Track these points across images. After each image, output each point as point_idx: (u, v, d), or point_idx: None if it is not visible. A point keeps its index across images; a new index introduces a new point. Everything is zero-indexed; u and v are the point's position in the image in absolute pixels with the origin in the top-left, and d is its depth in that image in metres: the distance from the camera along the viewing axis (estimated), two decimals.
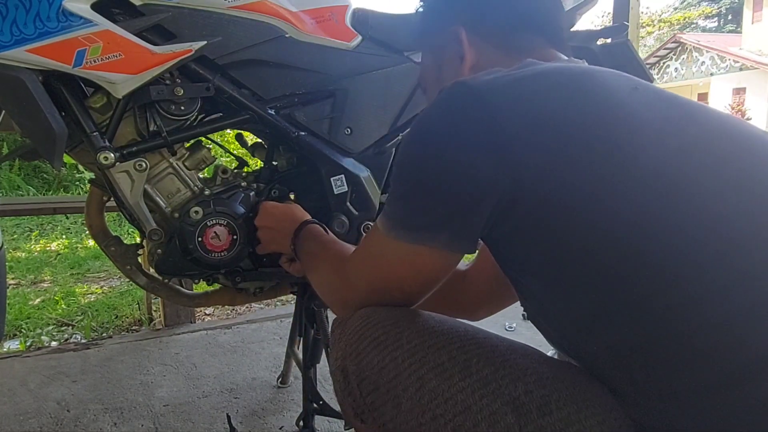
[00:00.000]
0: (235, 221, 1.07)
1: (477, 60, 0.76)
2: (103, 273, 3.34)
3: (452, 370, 0.58)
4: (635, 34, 2.36)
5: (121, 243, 1.18)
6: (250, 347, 1.95)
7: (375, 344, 0.63)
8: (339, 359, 0.67)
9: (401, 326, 0.64)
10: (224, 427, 1.41)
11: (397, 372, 0.60)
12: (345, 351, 0.66)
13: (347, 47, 1.14)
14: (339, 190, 1.14)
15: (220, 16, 1.03)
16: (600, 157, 0.55)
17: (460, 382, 0.57)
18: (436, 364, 0.59)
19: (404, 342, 0.62)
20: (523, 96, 0.59)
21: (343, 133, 1.16)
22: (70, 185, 5.85)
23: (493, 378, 0.57)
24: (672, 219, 0.52)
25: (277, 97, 1.12)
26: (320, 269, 0.85)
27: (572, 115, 0.57)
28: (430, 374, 0.58)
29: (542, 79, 0.61)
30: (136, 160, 1.03)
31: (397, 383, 0.60)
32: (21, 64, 0.90)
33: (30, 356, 1.88)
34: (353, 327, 0.66)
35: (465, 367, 0.58)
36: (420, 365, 0.59)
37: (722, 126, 0.60)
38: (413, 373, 0.59)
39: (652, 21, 23.34)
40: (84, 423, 1.45)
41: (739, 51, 15.75)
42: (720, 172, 0.55)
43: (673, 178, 0.54)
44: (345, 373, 0.65)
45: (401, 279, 0.66)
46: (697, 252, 0.51)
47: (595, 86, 0.60)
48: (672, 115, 0.59)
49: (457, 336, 0.62)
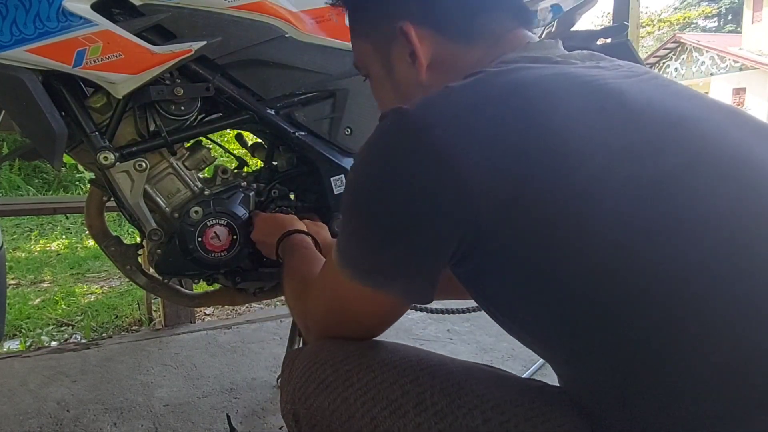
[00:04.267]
0: (235, 221, 1.07)
1: (434, 57, 0.66)
2: (103, 273, 3.34)
3: (406, 406, 0.55)
4: (635, 34, 2.35)
5: (121, 243, 1.18)
6: (250, 347, 1.95)
7: (324, 386, 0.59)
8: (288, 403, 0.63)
9: (350, 363, 0.60)
10: (224, 427, 1.40)
11: (350, 414, 0.57)
12: (294, 395, 0.62)
13: (347, 47, 1.14)
14: (339, 190, 1.13)
15: (220, 16, 1.03)
16: (563, 192, 0.49)
17: (416, 418, 0.54)
18: (390, 401, 0.56)
19: (354, 381, 0.58)
20: (475, 129, 0.52)
21: (343, 133, 1.16)
22: (70, 185, 5.85)
23: (449, 410, 0.54)
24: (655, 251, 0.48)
25: (277, 97, 1.12)
26: (291, 287, 0.81)
27: (531, 148, 0.51)
28: (383, 413, 0.55)
29: (500, 104, 0.54)
30: (136, 160, 1.03)
31: (350, 426, 0.56)
32: (21, 64, 0.90)
33: (30, 356, 1.88)
34: (301, 368, 0.63)
35: (419, 401, 0.55)
36: (372, 404, 0.56)
37: (704, 153, 0.53)
38: (366, 413, 0.56)
39: (651, 21, 23.34)
40: (84, 423, 1.45)
41: (739, 51, 15.75)
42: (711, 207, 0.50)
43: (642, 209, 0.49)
44: (296, 419, 0.62)
45: (357, 315, 0.62)
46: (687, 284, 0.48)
47: (555, 112, 0.53)
48: (643, 138, 0.52)
49: (410, 367, 0.59)
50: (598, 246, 0.49)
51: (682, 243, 0.48)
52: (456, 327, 2.12)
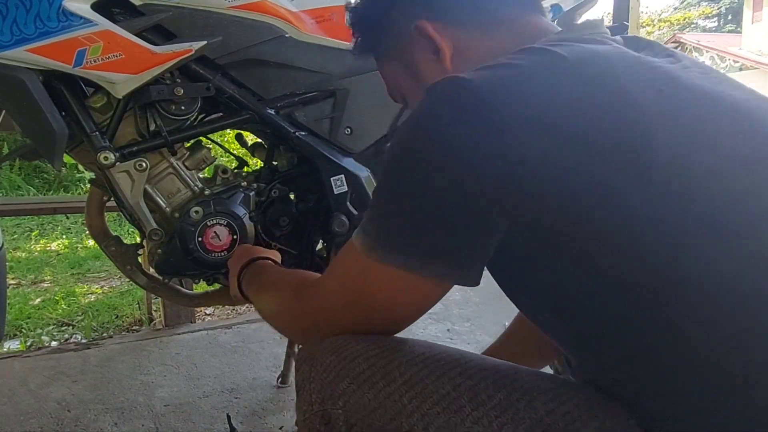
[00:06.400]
0: (235, 221, 1.07)
1: (456, 48, 0.66)
2: (103, 273, 3.34)
3: (460, 400, 0.50)
4: (635, 34, 2.35)
5: (121, 243, 1.18)
6: (250, 347, 1.95)
7: (360, 382, 0.54)
8: (315, 404, 0.56)
9: (386, 357, 0.55)
10: (224, 427, 1.40)
11: (396, 411, 0.51)
12: (322, 393, 0.55)
13: (347, 47, 1.14)
14: (339, 190, 1.13)
15: (220, 15, 1.03)
16: (628, 174, 0.48)
17: (473, 412, 0.50)
18: (441, 396, 0.51)
19: (397, 375, 0.53)
20: (533, 101, 0.50)
21: (344, 133, 1.16)
22: (70, 185, 5.85)
23: (508, 403, 0.50)
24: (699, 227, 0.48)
25: (278, 97, 1.12)
26: (273, 298, 0.74)
27: (591, 124, 0.49)
28: (435, 409, 0.50)
29: (552, 77, 0.52)
30: (136, 160, 1.03)
31: (397, 425, 0.51)
32: (21, 64, 0.90)
33: (30, 356, 1.88)
34: (326, 364, 0.56)
35: (474, 395, 0.51)
36: (422, 400, 0.51)
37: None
38: (416, 409, 0.51)
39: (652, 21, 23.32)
40: (84, 423, 1.45)
41: (739, 51, 15.74)
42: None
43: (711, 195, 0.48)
44: (327, 420, 0.55)
45: (387, 303, 0.57)
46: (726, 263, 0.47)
47: (614, 90, 0.51)
48: (707, 127, 0.51)
49: (454, 361, 0.55)
50: (665, 235, 0.48)
51: (745, 233, 0.48)
52: (456, 327, 2.11)
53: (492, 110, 0.49)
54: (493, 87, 0.51)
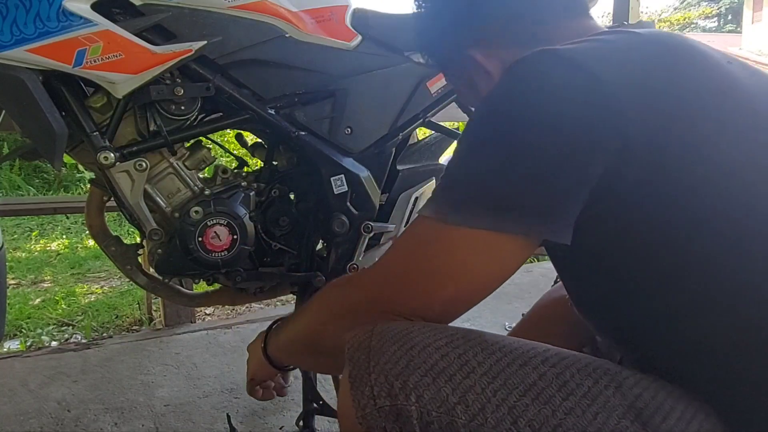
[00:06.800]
0: (235, 221, 1.07)
1: (504, 64, 0.67)
2: (103, 273, 3.34)
3: (549, 390, 0.48)
4: None
5: (121, 243, 1.18)
6: None
7: (435, 373, 0.49)
8: (381, 397, 0.50)
9: (459, 347, 0.51)
10: (224, 427, 1.40)
11: (481, 404, 0.48)
12: (390, 387, 0.50)
13: (347, 47, 1.14)
14: (339, 190, 1.13)
15: (220, 15, 1.03)
16: (717, 126, 0.51)
17: (564, 402, 0.47)
18: (528, 386, 0.48)
19: (475, 365, 0.49)
20: (623, 63, 0.52)
21: (344, 133, 1.16)
22: (70, 185, 5.85)
23: (597, 391, 0.49)
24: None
25: (278, 96, 1.12)
26: (311, 314, 0.70)
27: (682, 82, 0.52)
28: (524, 400, 0.47)
29: (637, 48, 0.55)
30: (136, 160, 1.03)
31: (482, 419, 0.47)
32: (21, 64, 0.90)
33: (30, 356, 1.88)
34: (390, 354, 0.51)
35: (562, 384, 0.48)
36: (507, 391, 0.48)
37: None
38: (502, 401, 0.47)
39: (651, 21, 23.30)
40: (84, 423, 1.45)
41: (739, 51, 15.74)
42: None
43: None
44: (398, 416, 0.49)
45: (466, 270, 0.53)
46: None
47: (697, 55, 0.56)
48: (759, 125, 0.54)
49: (532, 349, 0.52)
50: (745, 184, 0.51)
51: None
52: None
53: (584, 69, 0.51)
54: (581, 52, 0.53)
